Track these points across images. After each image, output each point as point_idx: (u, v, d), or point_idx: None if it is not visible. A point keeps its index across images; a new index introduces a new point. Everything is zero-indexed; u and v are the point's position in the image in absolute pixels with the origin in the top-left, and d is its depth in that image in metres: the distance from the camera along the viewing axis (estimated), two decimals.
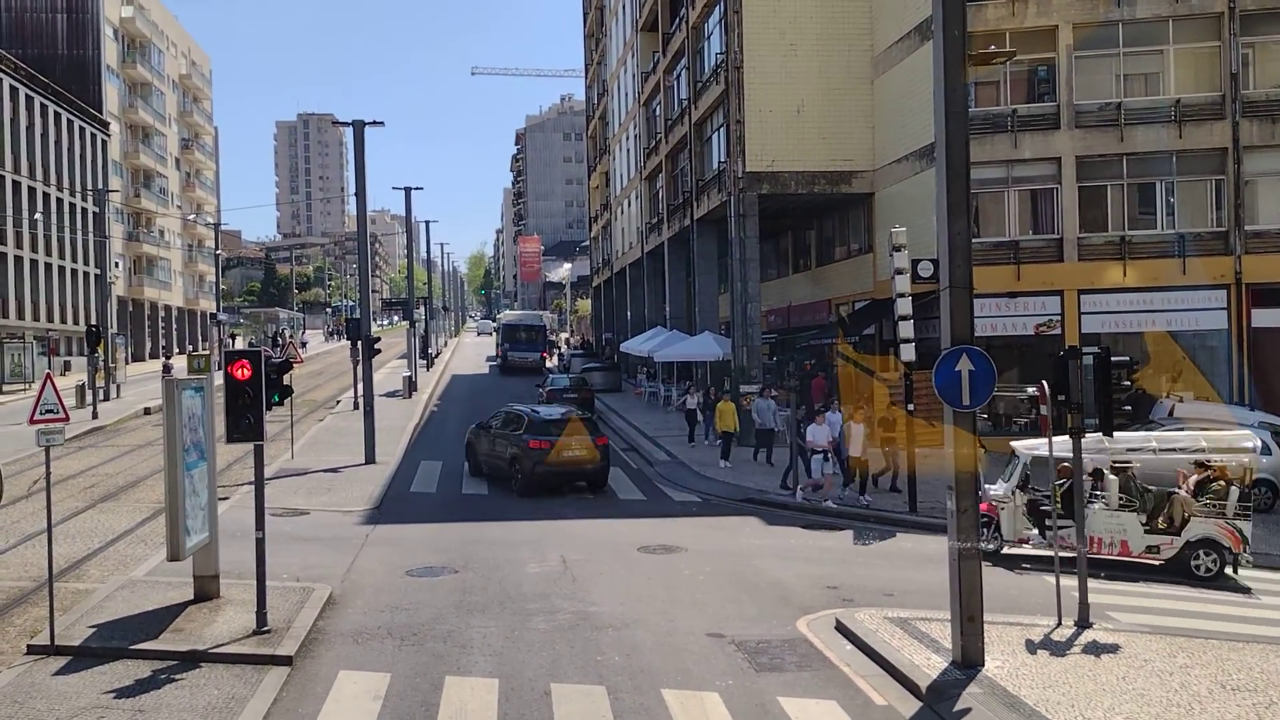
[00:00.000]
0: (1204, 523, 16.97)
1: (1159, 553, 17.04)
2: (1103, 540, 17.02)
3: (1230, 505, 16.92)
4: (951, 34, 11.79)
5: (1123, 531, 17.11)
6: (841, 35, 32.07)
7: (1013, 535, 17.59)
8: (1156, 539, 17.03)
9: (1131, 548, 17.10)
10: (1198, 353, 27.56)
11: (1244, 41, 27.19)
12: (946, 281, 11.93)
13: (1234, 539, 16.85)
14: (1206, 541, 16.91)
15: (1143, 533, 17.05)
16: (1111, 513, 17.11)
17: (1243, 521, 16.89)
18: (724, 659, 12.35)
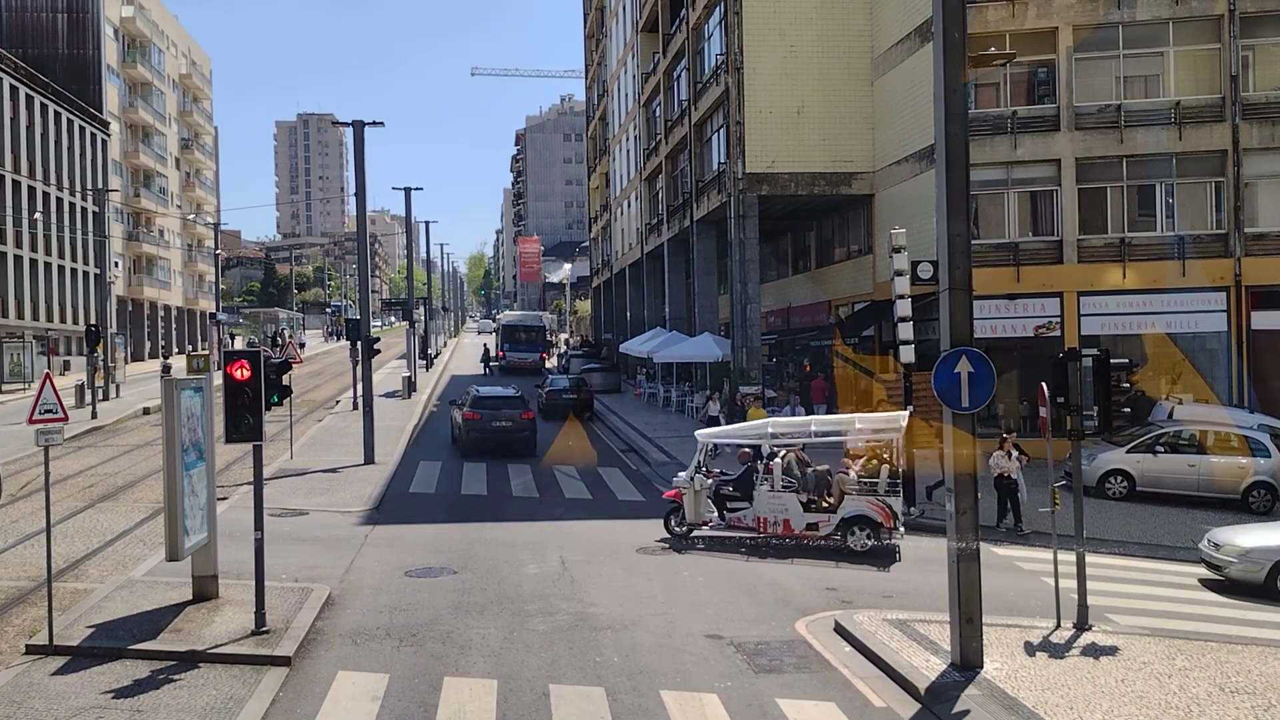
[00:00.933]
0: (857, 500, 18.09)
1: (818, 529, 18.18)
2: (768, 520, 18.33)
3: (881, 483, 18.10)
4: (952, 36, 11.80)
5: (785, 511, 18.27)
6: (842, 36, 32.09)
7: (695, 518, 18.65)
8: (815, 517, 18.20)
9: (793, 526, 18.28)
10: (1197, 355, 27.56)
11: (1244, 44, 27.20)
12: (946, 283, 11.94)
13: (885, 514, 17.99)
14: (860, 518, 18.01)
15: (802, 511, 18.22)
16: (775, 493, 18.35)
17: (893, 498, 18.00)
18: (723, 660, 12.35)
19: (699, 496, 18.65)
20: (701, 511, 18.68)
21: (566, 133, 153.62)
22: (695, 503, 18.64)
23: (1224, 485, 22.61)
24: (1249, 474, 22.48)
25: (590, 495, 23.94)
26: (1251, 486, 22.42)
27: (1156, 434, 23.46)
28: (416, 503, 22.97)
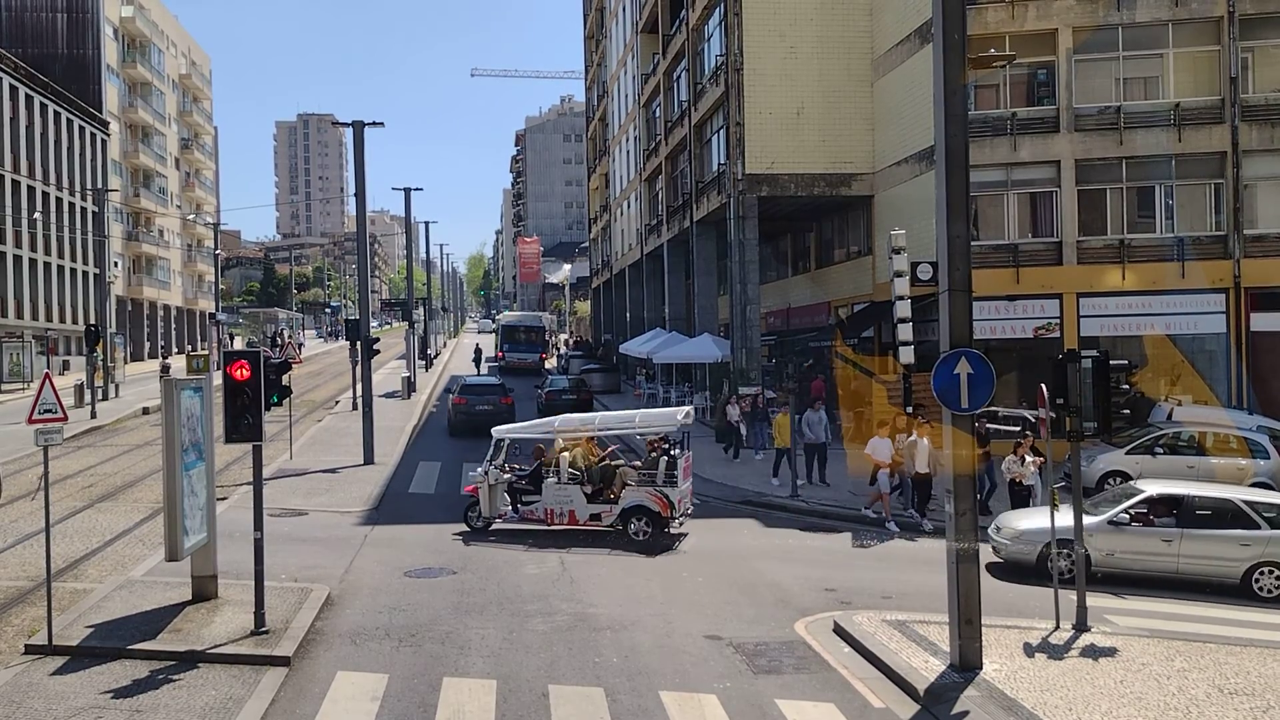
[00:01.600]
0: (636, 491, 18.86)
1: (601, 520, 18.95)
2: (555, 511, 19.16)
3: (660, 474, 18.88)
4: (951, 37, 11.81)
5: (570, 502, 19.12)
6: (841, 38, 32.10)
7: (491, 512, 19.13)
8: (598, 508, 19.01)
9: (578, 516, 19.08)
10: (1196, 356, 27.57)
11: (1243, 46, 27.20)
12: (946, 284, 11.95)
13: (662, 504, 18.69)
14: (639, 508, 18.75)
15: (586, 503, 19.05)
16: (561, 486, 19.20)
17: (669, 488, 18.70)
18: (722, 661, 12.35)
19: (494, 491, 19.30)
20: (497, 505, 19.38)
21: (566, 133, 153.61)
22: (491, 497, 19.16)
23: None
24: (1248, 475, 22.45)
25: None
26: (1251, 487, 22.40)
27: (1156, 435, 23.46)
28: (416, 503, 22.98)
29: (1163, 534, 16.38)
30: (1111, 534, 16.47)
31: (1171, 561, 16.33)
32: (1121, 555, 16.46)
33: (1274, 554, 15.95)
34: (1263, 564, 16.06)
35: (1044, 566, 16.06)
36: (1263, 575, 16.09)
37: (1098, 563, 16.33)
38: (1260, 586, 16.07)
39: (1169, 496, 16.89)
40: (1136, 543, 16.40)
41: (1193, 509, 16.61)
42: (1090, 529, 15.97)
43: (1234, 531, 16.25)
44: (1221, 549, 16.14)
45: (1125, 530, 16.47)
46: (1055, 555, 14.14)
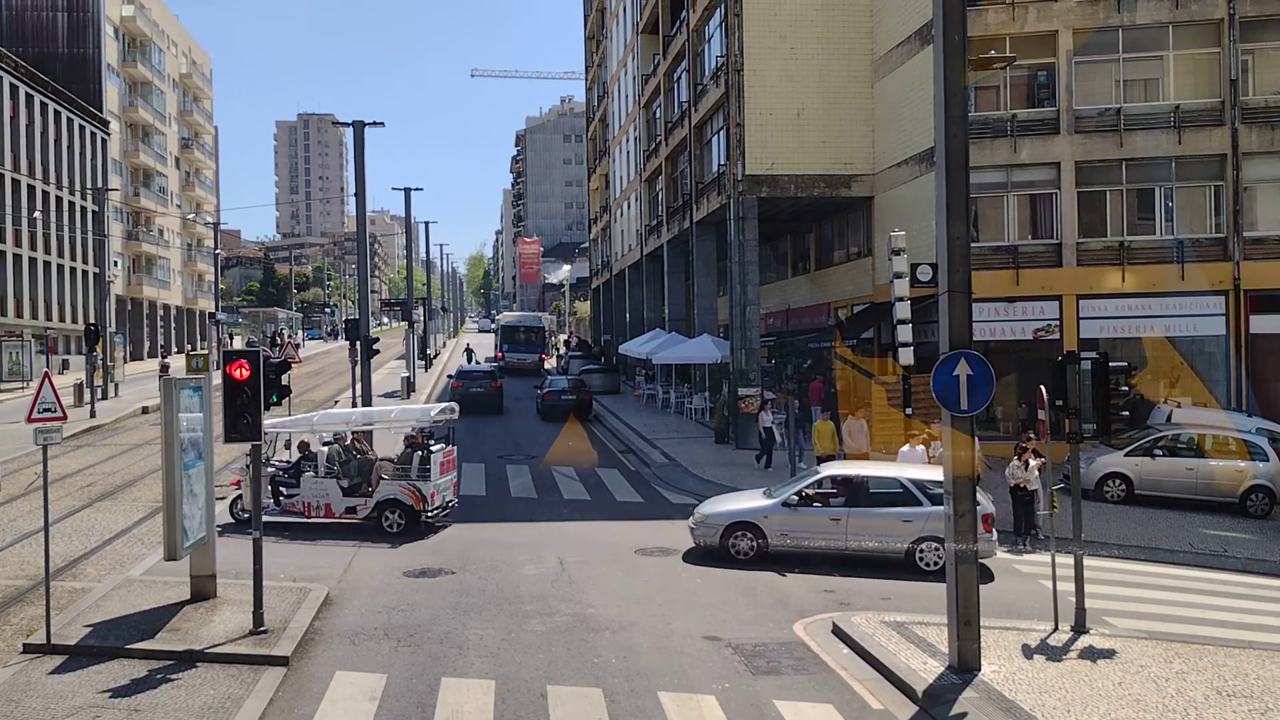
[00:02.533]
0: (392, 484, 19.44)
1: (356, 513, 19.45)
2: (312, 504, 19.65)
3: (414, 469, 19.50)
4: (952, 39, 11.81)
5: (326, 496, 19.62)
6: (842, 39, 32.08)
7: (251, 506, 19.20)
8: (354, 500, 19.51)
9: (334, 509, 19.56)
10: (1196, 358, 27.57)
11: (1243, 48, 27.20)
12: (945, 285, 11.95)
13: (415, 497, 19.32)
14: (392, 501, 19.33)
15: (342, 496, 19.55)
16: (318, 480, 19.69)
17: (422, 482, 19.30)
18: (720, 662, 12.35)
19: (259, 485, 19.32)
20: None
21: (566, 134, 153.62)
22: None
23: (1222, 489, 22.63)
24: (1247, 478, 22.51)
25: (589, 496, 23.95)
26: (1250, 490, 22.45)
27: (1155, 437, 23.47)
28: None
29: (831, 514, 17.26)
30: (786, 515, 17.34)
31: (840, 539, 17.17)
32: (794, 535, 17.29)
33: (934, 529, 16.60)
34: (925, 539, 16.88)
35: (726, 549, 17.36)
36: (925, 550, 16.94)
37: (774, 543, 17.28)
38: (924, 561, 16.94)
39: (842, 477, 17.77)
40: (808, 522, 17.24)
41: (862, 489, 17.44)
42: (765, 511, 17.44)
43: (898, 509, 17.11)
44: (887, 526, 17.11)
45: (798, 511, 17.31)
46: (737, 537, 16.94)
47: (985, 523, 16.27)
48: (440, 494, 19.80)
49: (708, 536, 17.61)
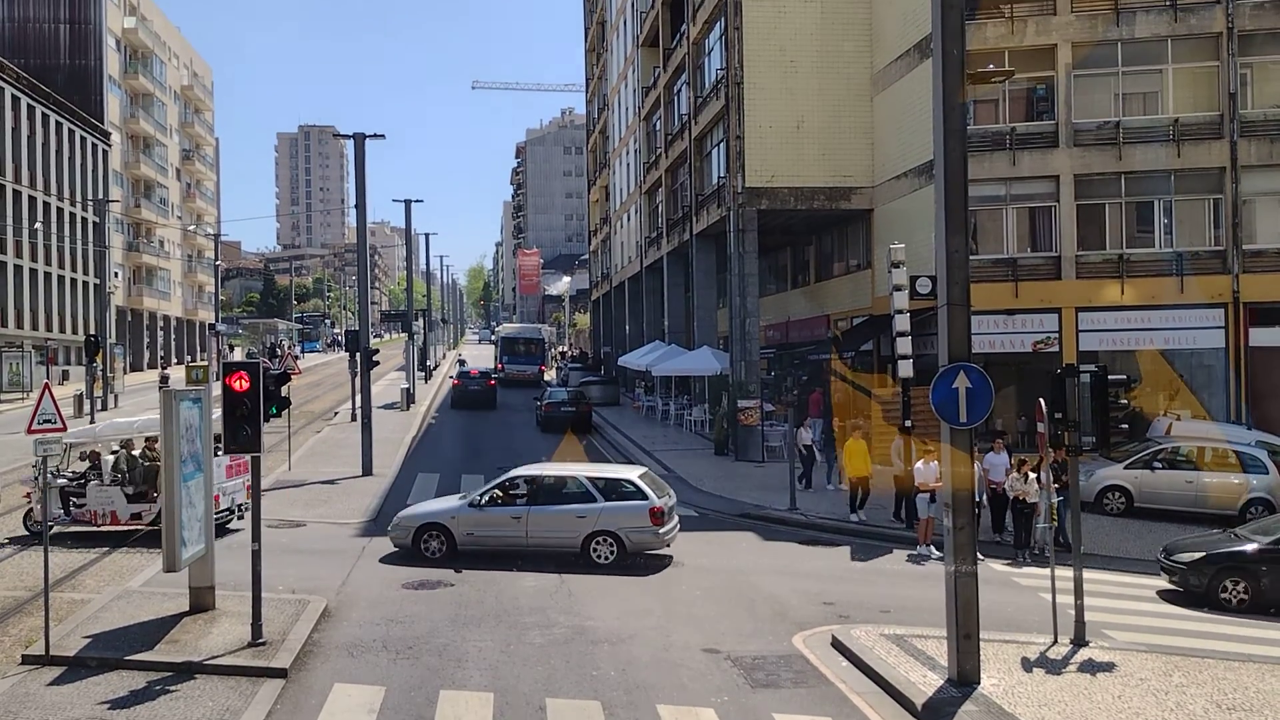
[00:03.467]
0: None
1: (142, 519, 19.41)
2: (98, 512, 19.62)
3: None
4: (951, 52, 11.86)
5: (112, 503, 19.57)
6: (841, 52, 32.18)
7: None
8: (139, 507, 19.52)
9: (120, 516, 19.56)
10: (1195, 371, 27.60)
11: (1242, 62, 27.30)
12: (944, 298, 11.97)
13: None
14: None
15: (127, 503, 19.56)
16: (103, 488, 19.66)
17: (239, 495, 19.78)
18: (719, 675, 12.33)
19: (50, 494, 19.25)
20: (51, 509, 19.30)
21: (566, 146, 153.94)
22: (45, 500, 19.43)
23: (1221, 502, 22.61)
24: (1246, 491, 22.49)
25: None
26: (1249, 503, 22.41)
27: (1154, 450, 23.47)
28: None
29: (513, 512, 18.03)
30: (473, 515, 18.12)
31: (521, 537, 17.92)
32: (480, 533, 18.04)
33: (606, 524, 17.62)
34: (597, 533, 17.69)
35: (419, 549, 17.95)
36: (599, 544, 17.69)
37: (462, 542, 18.02)
38: (597, 554, 17.69)
39: (527, 477, 18.64)
40: (492, 521, 18.03)
41: (543, 488, 18.38)
42: (453, 512, 18.28)
43: (574, 506, 17.95)
44: (563, 522, 17.89)
45: (484, 511, 18.10)
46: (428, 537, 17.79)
47: (653, 516, 17.55)
48: (227, 496, 19.81)
49: (401, 538, 18.26)
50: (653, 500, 17.74)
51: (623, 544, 17.68)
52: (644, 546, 17.83)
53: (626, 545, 17.68)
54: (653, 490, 18.07)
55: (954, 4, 11.85)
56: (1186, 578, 16.73)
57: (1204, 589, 16.46)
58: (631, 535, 17.65)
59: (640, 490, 17.88)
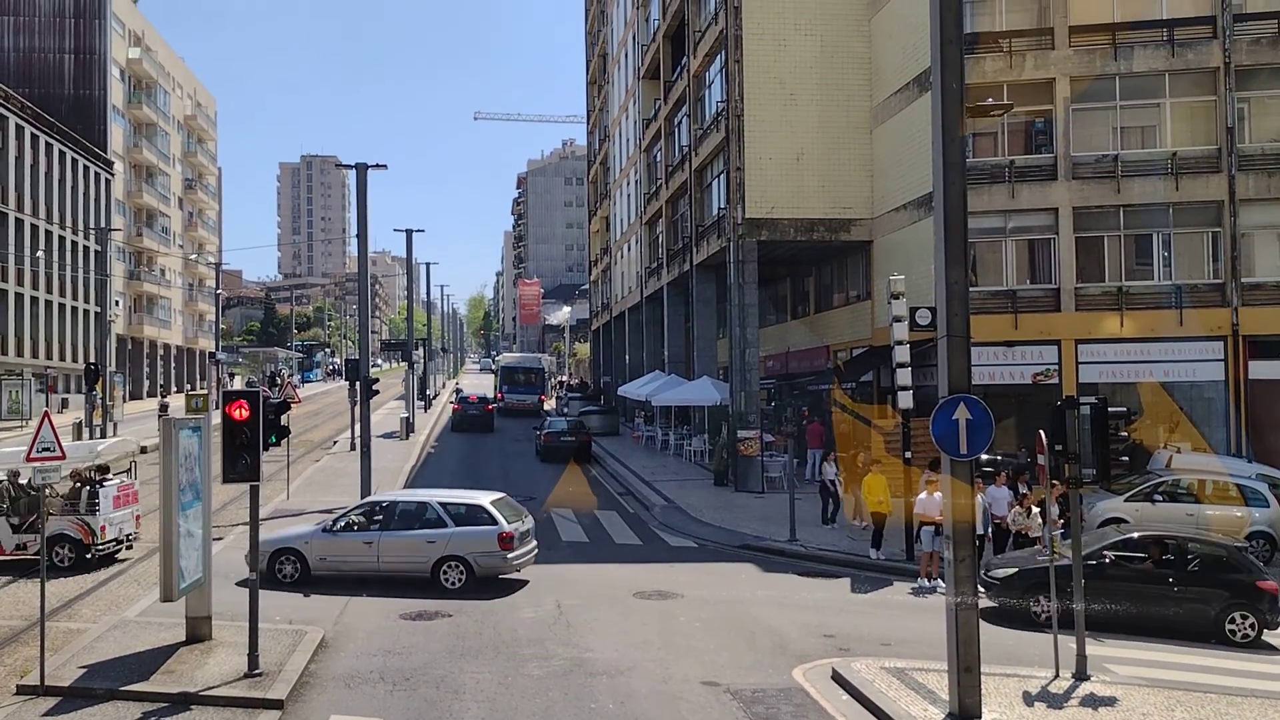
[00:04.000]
0: (60, 520, 19.34)
1: (28, 549, 19.21)
2: None
3: (82, 503, 19.54)
4: (950, 86, 11.94)
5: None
6: (841, 85, 32.43)
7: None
8: (24, 538, 19.34)
9: (5, 546, 19.42)
10: (1195, 404, 27.56)
11: (1239, 96, 27.47)
12: (944, 330, 11.98)
13: (84, 531, 19.45)
14: (60, 536, 19.29)
15: (12, 533, 19.41)
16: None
17: (90, 516, 19.45)
18: (719, 708, 12.24)
19: None
20: None
21: (568, 177, 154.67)
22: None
23: (1222, 535, 22.49)
24: (1246, 524, 22.39)
25: (587, 539, 23.85)
26: (1249, 536, 22.30)
27: (1155, 483, 23.41)
28: None
29: (365, 538, 18.29)
30: (326, 540, 18.45)
31: (373, 562, 18.17)
32: (333, 559, 18.32)
33: (456, 549, 17.89)
34: (447, 558, 17.91)
35: (274, 573, 18.14)
36: (449, 569, 17.95)
37: (315, 567, 18.29)
38: (447, 580, 17.89)
39: (381, 503, 19.14)
40: (344, 547, 18.30)
41: (393, 513, 18.68)
42: (307, 537, 18.62)
43: (424, 531, 18.23)
44: (413, 547, 18.14)
45: (337, 536, 18.39)
46: None
47: (502, 541, 17.85)
48: (114, 527, 19.97)
49: None
50: (503, 526, 18.04)
51: (472, 569, 17.93)
52: (493, 571, 18.03)
53: (475, 570, 17.92)
54: (504, 516, 18.31)
55: (953, 38, 11.94)
56: (1000, 594, 17.05)
57: (1017, 605, 16.81)
58: (480, 560, 17.89)
59: (491, 516, 18.14)
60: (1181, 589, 16.54)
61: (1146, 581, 16.69)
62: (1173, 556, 17.02)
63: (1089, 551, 16.57)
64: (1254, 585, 16.47)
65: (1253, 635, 16.29)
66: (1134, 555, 17.09)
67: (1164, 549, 17.06)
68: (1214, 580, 16.65)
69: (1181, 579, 16.69)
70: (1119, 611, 16.46)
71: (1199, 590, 16.53)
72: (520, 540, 18.34)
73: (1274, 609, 16.36)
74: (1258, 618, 16.32)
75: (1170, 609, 16.49)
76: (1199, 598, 16.48)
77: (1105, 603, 16.27)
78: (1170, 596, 16.50)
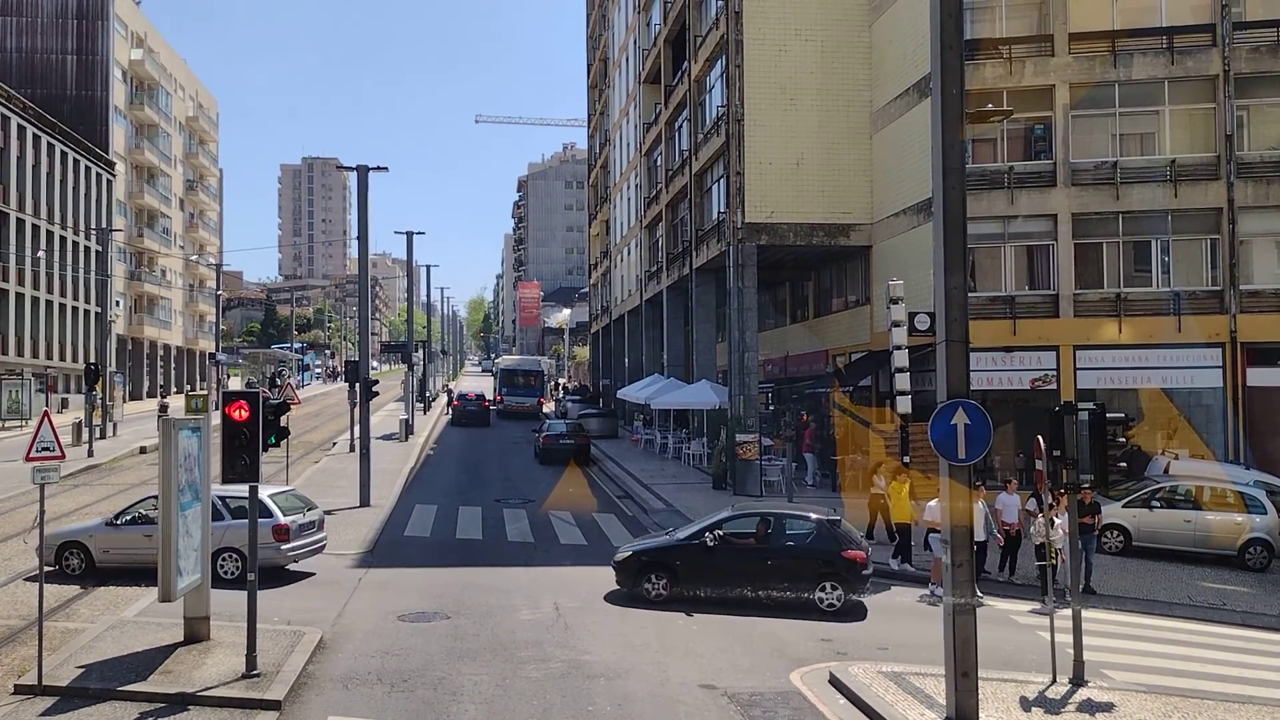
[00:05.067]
0: None
1: None
2: None
3: None
4: (950, 92, 11.98)
5: None
6: (841, 90, 32.49)
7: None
8: None
9: None
10: (1193, 411, 27.60)
11: (1238, 104, 27.54)
12: (943, 335, 12.01)
13: None
14: None
15: None
16: None
17: None
18: (716, 711, 12.26)
19: None
20: None
21: (568, 180, 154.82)
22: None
23: (1220, 541, 22.57)
24: (1245, 531, 22.46)
25: (586, 541, 23.87)
26: (1247, 543, 22.38)
27: (1153, 489, 23.45)
28: (411, 546, 22.89)
29: (145, 530, 18.28)
30: (109, 533, 18.95)
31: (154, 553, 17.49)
32: (115, 551, 18.77)
33: (233, 540, 18.07)
34: (224, 549, 18.16)
35: (60, 565, 18.67)
36: (225, 560, 18.25)
37: (99, 559, 18.82)
38: (224, 570, 18.15)
39: None
40: (127, 539, 18.69)
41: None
42: (91, 530, 19.22)
43: None
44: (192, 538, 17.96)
45: (120, 530, 18.85)
46: None
47: (277, 533, 18.29)
48: None
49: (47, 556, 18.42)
50: (278, 518, 18.50)
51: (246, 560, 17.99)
52: (267, 563, 17.73)
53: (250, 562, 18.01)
54: (281, 509, 18.77)
55: (953, 44, 11.98)
56: (618, 575, 17.98)
57: (632, 585, 17.75)
58: None
59: (267, 509, 18.23)
60: (775, 563, 17.61)
61: (746, 558, 17.77)
62: (772, 534, 18.04)
63: (693, 531, 18.27)
64: (840, 555, 17.43)
65: (839, 605, 17.23)
66: (742, 534, 18.12)
67: (767, 526, 18.13)
68: (805, 553, 17.72)
69: (777, 554, 17.74)
70: (727, 591, 17.57)
71: (792, 564, 17.60)
72: (297, 533, 18.87)
73: (860, 578, 17.37)
74: (845, 587, 17.29)
75: (768, 584, 17.54)
76: (792, 571, 17.53)
77: (712, 582, 17.63)
78: (766, 572, 17.56)
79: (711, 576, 17.69)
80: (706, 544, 17.71)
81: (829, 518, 18.37)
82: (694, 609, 17.25)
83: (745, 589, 17.55)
